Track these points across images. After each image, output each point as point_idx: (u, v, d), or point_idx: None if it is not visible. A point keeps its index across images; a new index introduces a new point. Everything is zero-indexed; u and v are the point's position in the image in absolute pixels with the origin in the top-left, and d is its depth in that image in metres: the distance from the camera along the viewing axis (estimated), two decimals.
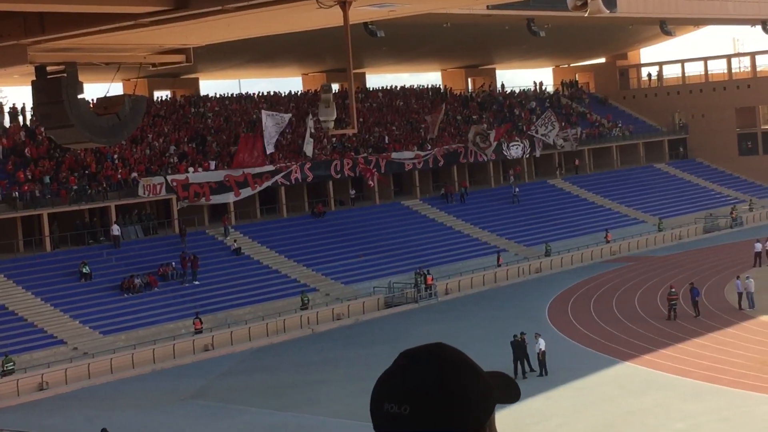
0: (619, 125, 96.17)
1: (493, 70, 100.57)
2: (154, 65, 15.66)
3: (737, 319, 48.28)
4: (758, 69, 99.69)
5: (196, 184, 62.74)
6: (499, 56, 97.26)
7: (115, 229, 58.70)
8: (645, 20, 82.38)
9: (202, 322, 51.50)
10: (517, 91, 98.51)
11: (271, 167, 66.37)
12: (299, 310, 55.14)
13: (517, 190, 78.42)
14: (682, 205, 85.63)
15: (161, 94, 76.53)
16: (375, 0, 11.69)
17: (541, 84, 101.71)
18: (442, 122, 79.61)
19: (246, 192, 65.09)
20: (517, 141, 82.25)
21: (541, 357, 40.64)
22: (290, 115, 69.71)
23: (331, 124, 13.60)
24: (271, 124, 66.63)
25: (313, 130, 65.95)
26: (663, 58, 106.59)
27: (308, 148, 67.01)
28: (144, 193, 60.91)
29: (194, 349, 49.61)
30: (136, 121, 15.28)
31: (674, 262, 67.85)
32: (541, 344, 40.79)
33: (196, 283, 56.95)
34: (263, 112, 68.07)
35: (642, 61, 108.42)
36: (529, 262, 67.52)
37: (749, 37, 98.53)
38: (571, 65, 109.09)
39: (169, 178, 61.89)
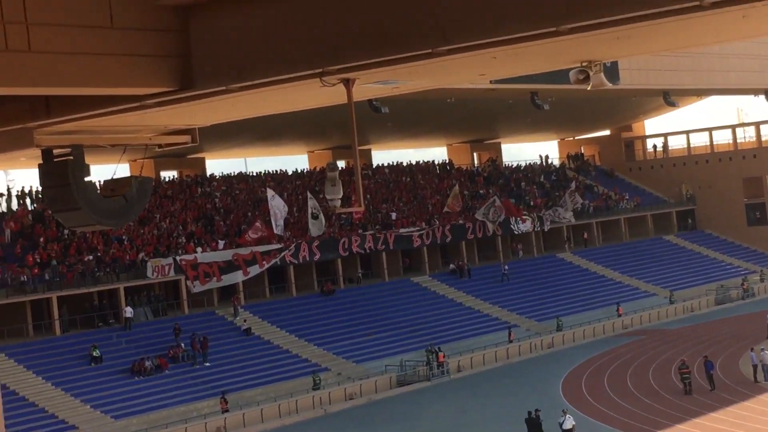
0: (627, 197, 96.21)
1: (499, 144, 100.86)
2: (160, 146, 15.66)
3: (753, 392, 47.83)
4: (763, 139, 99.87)
5: (205, 264, 62.67)
6: (504, 130, 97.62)
7: (128, 311, 58.58)
8: (648, 92, 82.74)
9: (227, 402, 51.29)
10: (522, 165, 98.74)
11: (278, 245, 66.33)
12: (311, 390, 54.77)
13: (506, 268, 77.58)
14: (693, 277, 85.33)
15: (168, 174, 76.77)
16: (378, 77, 11.69)
17: (546, 157, 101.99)
18: (455, 197, 79.55)
19: (254, 270, 64.95)
20: (525, 215, 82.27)
21: None
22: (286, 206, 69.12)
23: (338, 203, 13.51)
24: (278, 204, 66.65)
25: (314, 210, 65.84)
26: (668, 129, 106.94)
27: (313, 229, 66.93)
28: (153, 275, 60.83)
29: (206, 431, 49.18)
30: (143, 202, 15.22)
31: (687, 334, 67.41)
32: (570, 421, 40.31)
33: (207, 364, 56.64)
34: (269, 190, 68.14)
35: (647, 133, 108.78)
36: (541, 338, 67.14)
37: (753, 107, 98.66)
38: (576, 138, 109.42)
39: (177, 258, 61.85)
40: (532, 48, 10.27)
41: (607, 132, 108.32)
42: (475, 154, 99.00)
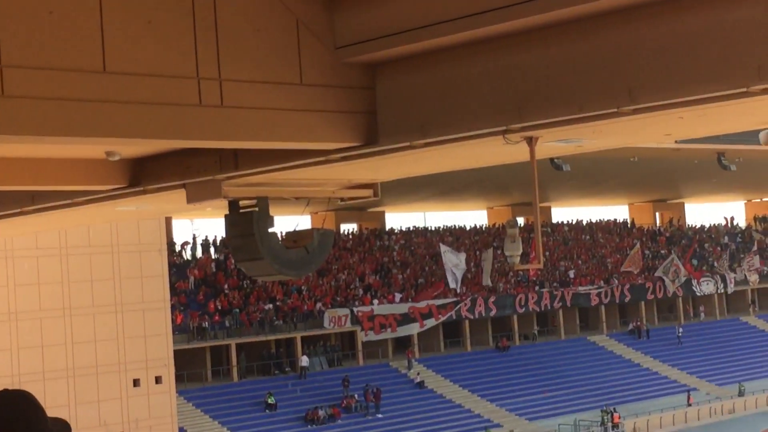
0: None
1: (682, 204, 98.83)
2: (342, 200, 15.91)
3: None
4: None
5: (381, 316, 63.15)
6: (688, 190, 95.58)
7: (304, 360, 59.40)
8: None
9: None
10: (707, 226, 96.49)
11: (454, 299, 66.34)
12: None
13: (681, 330, 75.70)
14: None
15: (348, 227, 77.72)
16: (562, 136, 11.64)
17: (732, 219, 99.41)
18: (634, 256, 78.37)
19: (430, 323, 65.10)
20: (708, 276, 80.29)
21: None
22: (464, 254, 69.18)
23: (517, 259, 13.48)
24: (450, 259, 66.76)
25: (488, 263, 65.68)
26: None
27: (485, 278, 66.70)
28: (329, 325, 61.55)
29: None
30: (323, 254, 15.48)
31: None
32: None
33: (380, 416, 56.85)
34: (441, 245, 68.32)
35: None
36: (722, 402, 65.18)
37: None
38: (764, 199, 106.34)
39: (354, 309, 62.46)
40: (720, 108, 10.07)
41: None
42: (657, 214, 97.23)
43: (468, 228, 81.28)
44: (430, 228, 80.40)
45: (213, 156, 13.00)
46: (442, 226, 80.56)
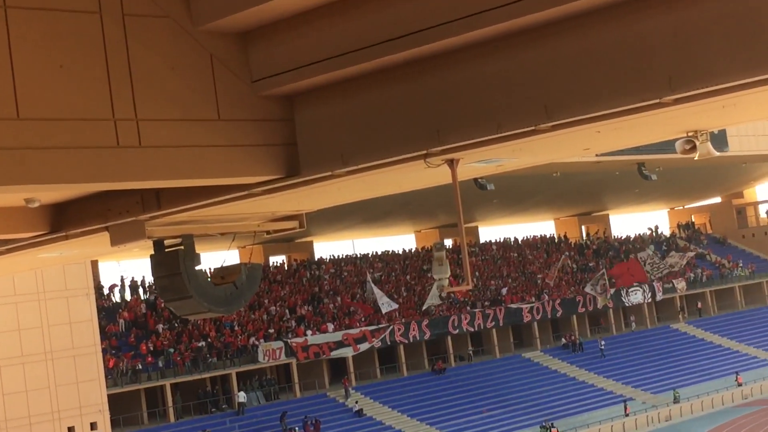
0: (741, 265, 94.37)
1: (607, 216, 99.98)
2: (268, 232, 15.85)
3: None
4: None
5: (315, 345, 62.92)
6: (612, 202, 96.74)
7: (241, 396, 59.00)
8: (759, 158, 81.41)
9: None
10: (632, 236, 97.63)
11: (387, 324, 66.33)
12: None
13: (603, 343, 75.52)
14: None
15: (277, 259, 77.47)
16: (482, 156, 11.71)
17: (656, 227, 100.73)
18: (560, 270, 79.08)
19: (364, 346, 64.83)
20: (636, 286, 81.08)
21: None
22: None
23: (446, 282, 13.50)
24: (372, 288, 67.14)
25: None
26: None
27: (431, 300, 66.85)
28: (264, 359, 61.18)
29: None
30: (252, 288, 15.38)
31: None
32: None
33: None
34: (368, 276, 68.63)
35: (759, 198, 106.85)
36: (658, 410, 65.83)
37: None
38: (686, 207, 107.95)
39: (288, 341, 62.19)
40: (635, 121, 10.19)
41: (717, 199, 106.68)
42: (583, 227, 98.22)
43: (398, 252, 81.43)
44: (359, 255, 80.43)
45: (135, 196, 12.87)
46: (371, 253, 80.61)
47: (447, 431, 60.13)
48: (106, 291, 62.98)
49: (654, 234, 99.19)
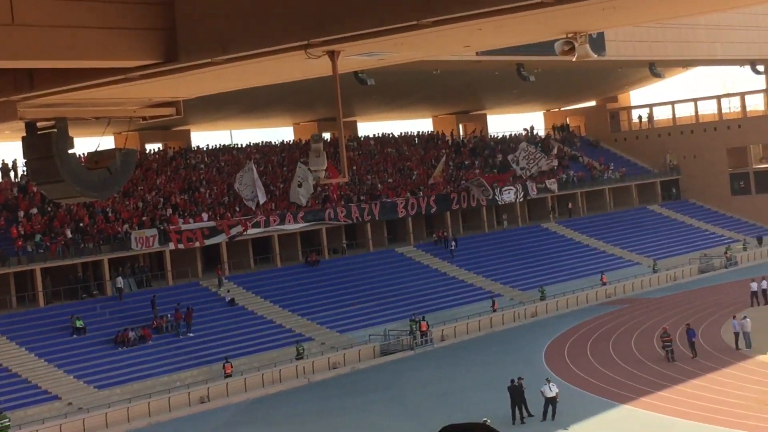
0: (612, 168, 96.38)
1: (484, 116, 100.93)
2: (144, 118, 15.62)
3: (735, 360, 48.14)
4: (748, 109, 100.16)
5: (188, 231, 62.55)
6: (490, 102, 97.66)
7: (119, 282, 58.73)
8: (634, 63, 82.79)
9: (232, 366, 51.73)
10: (508, 135, 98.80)
11: (263, 216, 66.30)
12: (294, 359, 54.88)
13: (453, 244, 75.55)
14: (677, 246, 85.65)
15: (153, 147, 76.59)
16: (363, 50, 11.67)
17: (532, 128, 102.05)
18: (444, 171, 79.73)
19: (236, 230, 64.48)
20: (510, 185, 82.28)
21: (554, 402, 40.33)
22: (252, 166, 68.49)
23: (322, 174, 13.53)
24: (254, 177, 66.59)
25: (300, 179, 65.66)
26: (653, 100, 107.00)
27: (295, 196, 66.88)
28: (137, 246, 60.77)
29: (190, 401, 49.29)
30: (127, 174, 15.19)
31: (670, 303, 67.73)
32: (553, 389, 40.54)
33: (191, 335, 56.71)
34: (252, 165, 67.98)
35: (632, 104, 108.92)
36: (525, 307, 67.38)
37: (738, 78, 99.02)
38: (562, 109, 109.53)
39: (162, 228, 61.78)
40: (517, 19, 10.25)
41: (592, 103, 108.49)
42: (460, 126, 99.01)
43: (275, 143, 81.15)
44: (237, 146, 79.94)
45: (6, 76, 12.54)
46: (248, 143, 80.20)
47: (318, 322, 60.75)
48: None
49: (530, 134, 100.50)
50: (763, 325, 52.85)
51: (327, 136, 77.58)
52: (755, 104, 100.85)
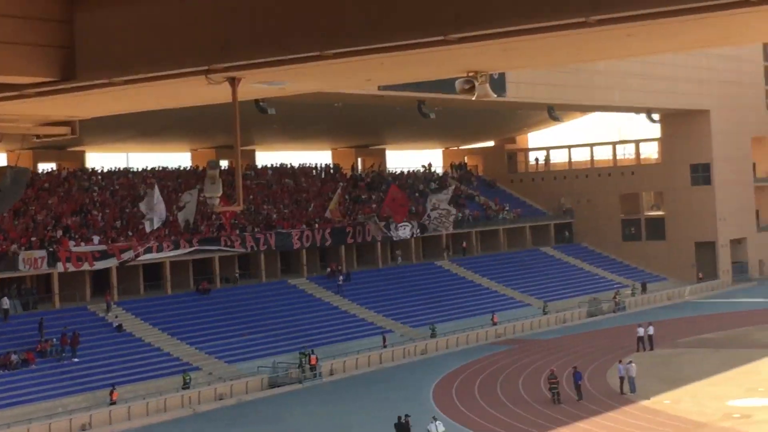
0: (507, 208, 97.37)
1: (384, 150, 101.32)
2: (38, 137, 15.33)
3: (619, 404, 48.76)
4: (642, 156, 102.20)
5: (79, 253, 61.46)
6: (390, 137, 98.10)
7: (5, 302, 57.43)
8: (533, 105, 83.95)
9: (118, 394, 51.06)
10: (406, 171, 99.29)
11: (156, 243, 65.50)
12: (181, 389, 54.13)
13: (341, 279, 75.15)
14: (567, 289, 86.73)
15: (46, 167, 75.30)
16: (265, 78, 11.60)
17: (430, 165, 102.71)
18: (341, 204, 79.61)
19: (128, 255, 63.49)
20: (405, 222, 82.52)
21: None
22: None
23: (217, 201, 13.41)
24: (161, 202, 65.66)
25: (183, 203, 64.71)
26: (550, 143, 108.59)
27: (180, 217, 65.94)
28: (24, 267, 59.52)
29: (71, 428, 48.27)
30: (17, 193, 14.91)
31: (558, 345, 68.45)
32: (439, 427, 40.57)
33: (76, 360, 55.64)
34: (155, 188, 67.12)
35: (530, 146, 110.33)
36: (415, 344, 67.49)
37: (633, 126, 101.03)
38: (461, 147, 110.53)
39: (51, 250, 60.62)
40: (419, 56, 10.28)
41: (491, 143, 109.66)
42: (359, 159, 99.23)
43: (171, 170, 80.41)
44: (133, 169, 79.02)
45: None
46: (145, 167, 79.35)
47: (206, 352, 60.10)
48: None
49: (428, 171, 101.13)
50: (647, 371, 53.66)
51: (225, 163, 77.11)
52: (649, 152, 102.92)
